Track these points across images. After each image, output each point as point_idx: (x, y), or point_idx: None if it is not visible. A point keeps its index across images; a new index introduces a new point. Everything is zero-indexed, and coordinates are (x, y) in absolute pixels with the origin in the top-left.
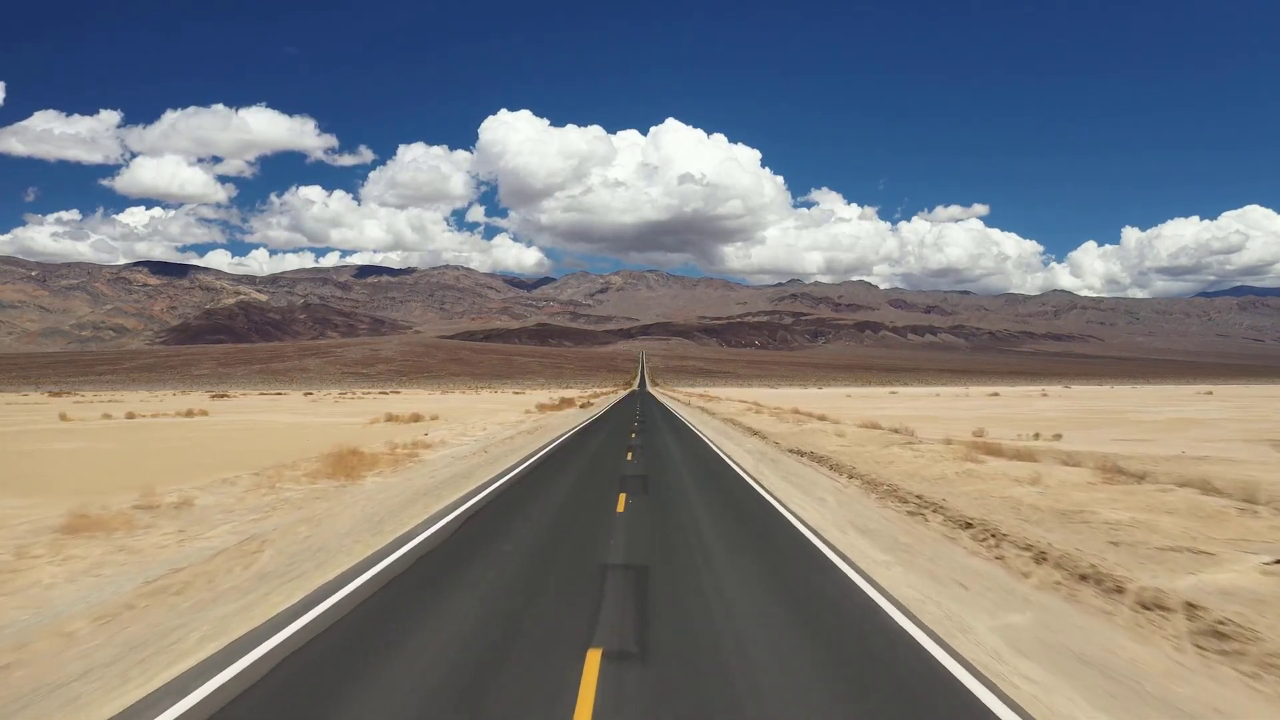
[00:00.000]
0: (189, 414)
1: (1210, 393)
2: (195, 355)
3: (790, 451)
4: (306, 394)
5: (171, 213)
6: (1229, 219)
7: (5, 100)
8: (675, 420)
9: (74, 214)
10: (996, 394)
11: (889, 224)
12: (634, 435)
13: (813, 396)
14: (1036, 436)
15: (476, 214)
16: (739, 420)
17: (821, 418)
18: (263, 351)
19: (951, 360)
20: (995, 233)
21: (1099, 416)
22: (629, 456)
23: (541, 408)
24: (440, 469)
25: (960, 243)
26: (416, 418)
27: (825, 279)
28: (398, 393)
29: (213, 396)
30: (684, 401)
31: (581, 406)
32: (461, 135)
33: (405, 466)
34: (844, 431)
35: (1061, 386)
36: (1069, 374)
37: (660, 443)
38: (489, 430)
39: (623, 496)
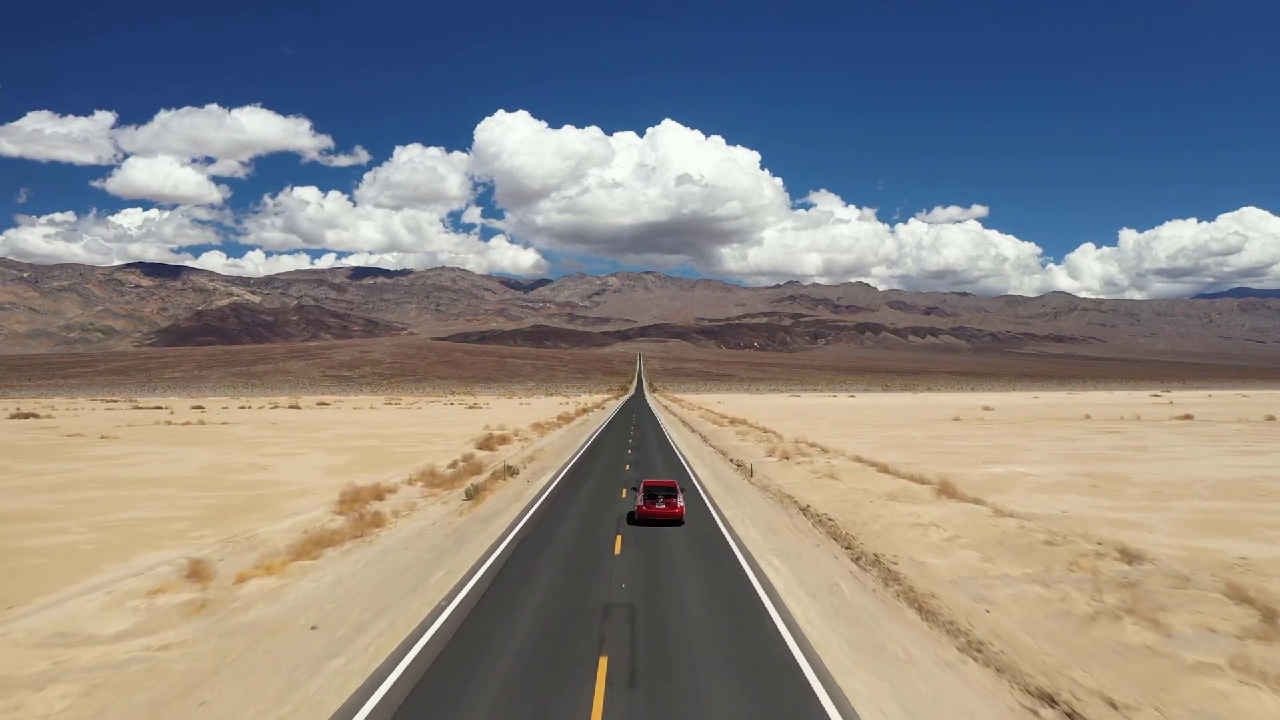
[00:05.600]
0: None
1: None
2: (175, 357)
3: None
4: (222, 404)
5: (166, 214)
6: (1226, 220)
7: None
8: None
9: (68, 215)
10: (1190, 417)
11: (887, 225)
12: None
13: (878, 409)
14: None
15: (473, 215)
16: None
17: None
18: (249, 353)
19: (957, 362)
20: (994, 234)
21: None
22: None
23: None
24: None
25: (958, 244)
26: None
27: (823, 280)
28: (323, 403)
29: (20, 415)
30: (742, 467)
31: (470, 499)
32: (458, 136)
33: None
34: None
35: (1156, 394)
36: (1077, 376)
37: None
38: None
39: None
